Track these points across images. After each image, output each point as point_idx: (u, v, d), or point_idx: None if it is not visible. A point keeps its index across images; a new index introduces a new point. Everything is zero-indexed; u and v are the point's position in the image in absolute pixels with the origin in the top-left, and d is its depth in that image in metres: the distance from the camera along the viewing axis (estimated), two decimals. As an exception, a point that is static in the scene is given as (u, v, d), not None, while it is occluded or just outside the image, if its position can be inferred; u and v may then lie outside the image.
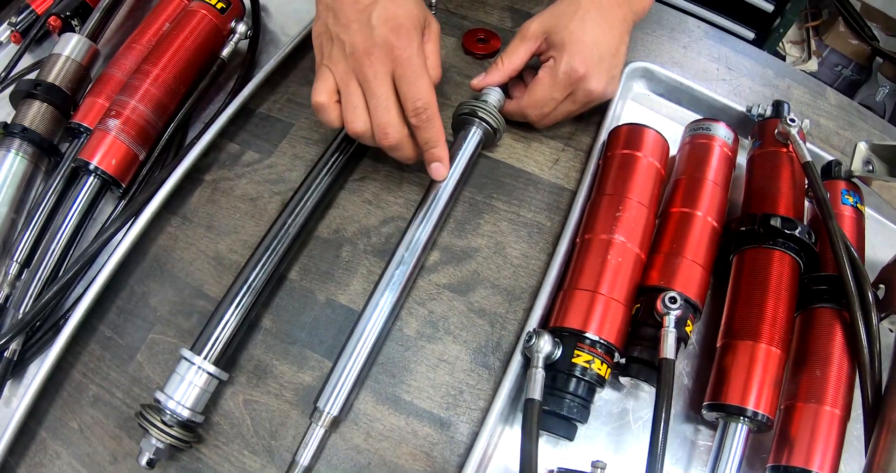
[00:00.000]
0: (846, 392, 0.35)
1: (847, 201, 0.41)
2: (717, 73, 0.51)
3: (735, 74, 0.51)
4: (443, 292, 0.39)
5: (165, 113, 0.45)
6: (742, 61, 0.52)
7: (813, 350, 0.36)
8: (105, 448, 0.38)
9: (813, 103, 0.52)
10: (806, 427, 0.34)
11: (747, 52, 0.53)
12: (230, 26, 0.49)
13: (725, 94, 0.48)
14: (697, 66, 0.51)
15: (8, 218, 0.44)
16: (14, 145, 0.45)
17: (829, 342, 0.36)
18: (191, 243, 0.42)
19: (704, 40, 0.53)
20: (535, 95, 0.41)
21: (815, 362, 0.36)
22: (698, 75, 0.50)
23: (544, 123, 0.44)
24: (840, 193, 0.41)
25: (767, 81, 0.52)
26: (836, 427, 0.34)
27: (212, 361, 0.35)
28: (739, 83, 0.51)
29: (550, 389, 0.33)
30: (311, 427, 0.34)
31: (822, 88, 0.54)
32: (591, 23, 0.40)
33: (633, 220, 0.36)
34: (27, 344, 0.41)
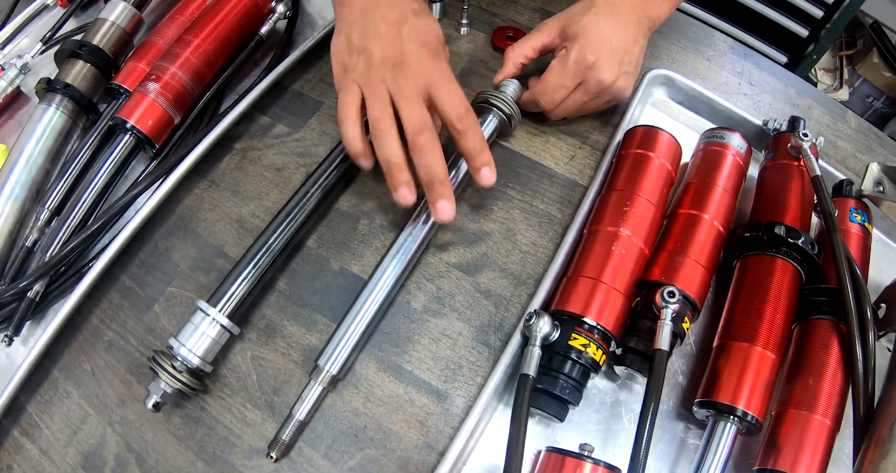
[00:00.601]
0: (838, 404, 0.37)
1: (855, 218, 0.44)
2: (738, 87, 0.54)
3: (756, 89, 0.55)
4: (452, 271, 0.42)
5: (203, 82, 0.50)
6: (765, 78, 0.55)
7: (808, 360, 0.38)
8: (114, 391, 0.41)
9: (832, 125, 0.55)
10: (795, 434, 0.36)
11: (771, 69, 0.56)
12: (270, 6, 0.54)
13: (745, 108, 0.51)
14: (719, 79, 0.54)
15: (43, 168, 0.48)
16: (55, 100, 0.49)
17: (825, 353, 0.38)
18: (216, 206, 0.46)
19: (729, 55, 0.56)
20: (547, 82, 0.44)
21: (809, 371, 0.38)
22: (719, 88, 0.54)
23: (557, 113, 0.47)
24: (849, 210, 0.44)
25: (789, 99, 0.55)
26: (824, 436, 0.36)
27: (226, 314, 0.38)
28: (760, 99, 0.54)
29: (546, 369, 0.36)
30: (310, 383, 0.37)
31: (843, 110, 0.57)
32: (605, 19, 0.43)
33: (639, 216, 0.39)
34: (50, 287, 0.45)
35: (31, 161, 0.48)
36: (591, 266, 0.38)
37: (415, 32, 0.39)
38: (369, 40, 0.39)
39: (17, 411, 0.43)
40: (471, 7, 0.54)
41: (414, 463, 0.37)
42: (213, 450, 0.38)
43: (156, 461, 0.39)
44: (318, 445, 0.38)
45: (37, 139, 0.48)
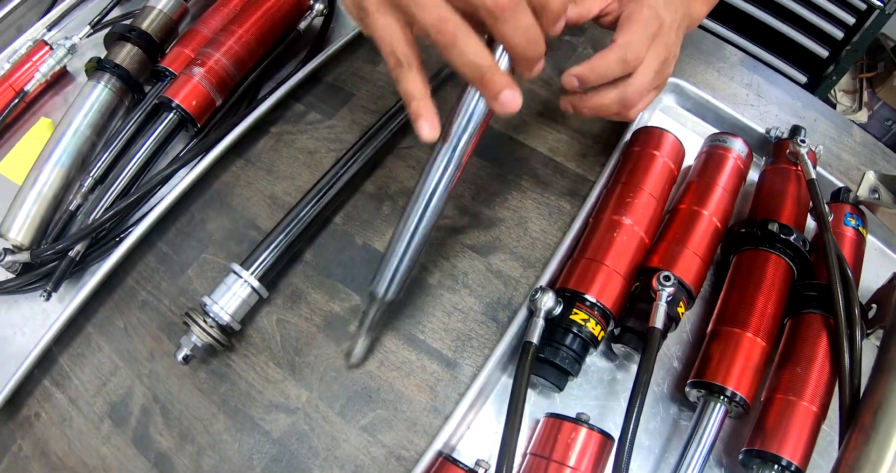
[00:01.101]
0: (824, 393, 0.42)
1: (849, 222, 0.49)
2: (746, 98, 0.60)
3: (764, 101, 0.60)
4: (466, 252, 0.48)
5: (244, 69, 0.56)
6: (772, 90, 0.61)
7: (798, 350, 0.43)
8: (145, 346, 0.47)
9: (837, 138, 0.61)
10: (782, 418, 0.40)
11: (779, 82, 0.62)
12: (309, 3, 0.61)
13: (751, 117, 0.57)
14: (728, 89, 0.60)
15: (89, 140, 0.55)
16: (104, 79, 0.56)
17: (814, 344, 0.43)
18: (250, 183, 0.52)
19: (738, 67, 0.62)
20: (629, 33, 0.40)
21: (798, 360, 0.42)
22: (728, 98, 0.59)
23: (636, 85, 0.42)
24: (844, 214, 0.49)
25: (795, 111, 0.61)
26: (810, 421, 0.40)
27: (256, 277, 0.44)
28: (767, 110, 0.60)
29: (548, 341, 0.41)
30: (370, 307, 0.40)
31: (848, 124, 0.62)
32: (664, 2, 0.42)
33: (642, 207, 0.45)
34: (90, 249, 0.51)
35: (79, 132, 0.54)
36: (594, 250, 0.43)
37: None
38: None
39: (50, 362, 0.48)
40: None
41: (421, 425, 0.42)
42: (235, 404, 0.44)
43: (179, 412, 0.44)
44: (334, 403, 0.43)
45: (84, 113, 0.55)
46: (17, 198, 0.52)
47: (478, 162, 0.53)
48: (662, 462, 0.43)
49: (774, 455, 0.39)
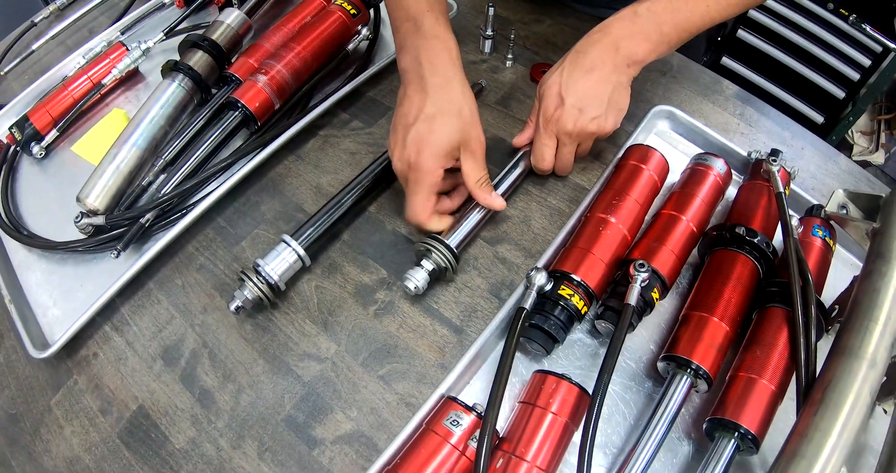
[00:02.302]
0: (782, 374, 0.53)
1: (817, 233, 0.63)
2: (737, 127, 0.76)
3: (753, 130, 0.76)
4: (478, 241, 0.63)
5: (300, 80, 0.74)
6: (763, 121, 0.77)
7: (760, 337, 0.56)
8: (199, 301, 0.62)
9: (823, 165, 0.75)
10: (742, 393, 0.52)
11: (769, 114, 0.78)
12: (357, 28, 0.79)
13: (740, 144, 0.72)
14: (721, 118, 0.76)
15: (163, 128, 0.73)
16: (178, 78, 0.74)
17: (775, 333, 0.55)
18: (299, 174, 0.69)
19: (732, 99, 0.78)
20: (534, 148, 0.64)
21: (759, 345, 0.55)
22: (719, 126, 0.75)
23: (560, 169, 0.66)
24: (812, 226, 0.63)
25: (784, 140, 0.76)
26: (767, 396, 0.52)
27: (303, 247, 0.60)
28: (756, 138, 0.75)
29: (539, 310, 0.55)
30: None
31: (835, 154, 0.76)
32: (568, 72, 0.60)
33: (626, 209, 0.60)
34: (158, 219, 0.67)
35: (154, 121, 0.72)
36: (583, 240, 0.58)
37: (415, 139, 0.56)
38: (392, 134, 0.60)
39: (112, 310, 0.64)
40: (516, 46, 0.78)
41: (429, 378, 0.56)
42: (274, 352, 0.59)
43: (225, 356, 0.59)
44: (358, 356, 0.57)
45: (160, 105, 0.73)
46: (97, 170, 0.69)
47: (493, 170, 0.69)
48: (635, 428, 0.56)
49: (734, 422, 0.50)
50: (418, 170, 0.57)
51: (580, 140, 0.63)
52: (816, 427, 0.46)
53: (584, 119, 0.61)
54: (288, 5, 0.91)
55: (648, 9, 0.60)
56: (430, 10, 0.61)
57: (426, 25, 0.60)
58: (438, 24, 0.60)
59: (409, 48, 0.60)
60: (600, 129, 0.62)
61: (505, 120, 0.74)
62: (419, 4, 0.61)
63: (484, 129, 0.74)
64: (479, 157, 0.60)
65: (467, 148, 0.59)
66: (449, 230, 0.60)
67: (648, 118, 0.70)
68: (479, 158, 0.60)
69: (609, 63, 0.60)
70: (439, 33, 0.60)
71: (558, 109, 0.61)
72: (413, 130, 0.57)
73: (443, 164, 0.58)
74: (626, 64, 0.60)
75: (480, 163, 0.60)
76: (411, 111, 0.58)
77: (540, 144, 0.63)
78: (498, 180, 0.65)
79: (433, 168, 0.57)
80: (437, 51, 0.59)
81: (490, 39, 0.79)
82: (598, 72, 0.60)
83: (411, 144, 0.57)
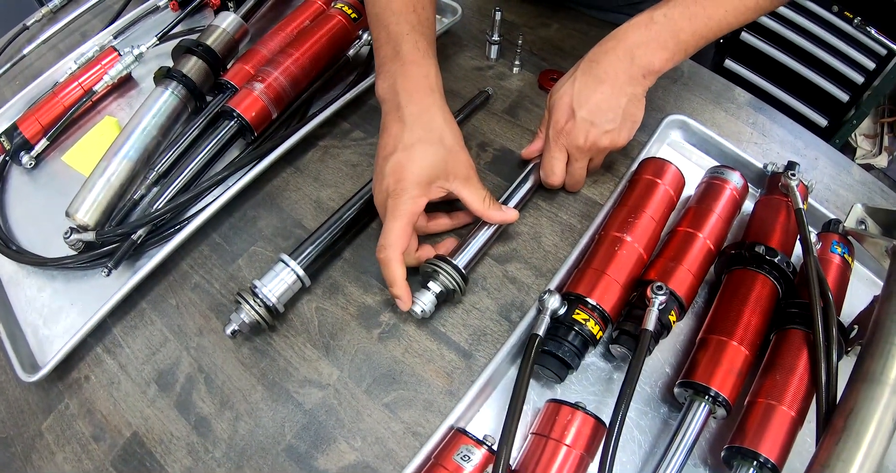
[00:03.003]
0: (802, 400, 0.50)
1: (836, 249, 0.59)
2: (750, 136, 0.71)
3: (767, 139, 0.72)
4: (487, 259, 0.59)
5: (298, 87, 0.69)
6: (776, 130, 0.73)
7: (780, 361, 0.52)
8: (194, 323, 0.58)
9: (836, 176, 0.71)
10: (762, 420, 0.49)
11: (782, 122, 0.73)
12: (358, 33, 0.74)
13: (754, 154, 0.68)
14: (734, 128, 0.72)
15: (155, 138, 0.68)
16: (171, 86, 0.69)
17: (795, 357, 0.52)
18: (298, 188, 0.64)
19: (745, 108, 0.74)
20: (543, 162, 0.59)
21: (779, 370, 0.52)
22: (732, 136, 0.71)
23: (571, 185, 0.61)
24: (831, 243, 0.59)
25: (797, 150, 0.72)
26: (787, 423, 0.49)
27: (302, 267, 0.55)
28: (769, 148, 0.71)
29: (552, 336, 0.51)
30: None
31: (849, 164, 0.73)
32: (581, 82, 0.56)
33: (642, 227, 0.55)
34: (150, 235, 0.63)
35: (146, 131, 0.67)
36: (598, 261, 0.54)
37: (393, 169, 0.51)
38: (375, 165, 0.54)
39: (104, 331, 0.59)
40: (523, 51, 0.73)
41: (437, 406, 0.52)
42: (273, 377, 0.54)
43: (222, 382, 0.55)
44: (361, 382, 0.53)
45: (153, 114, 0.68)
46: (87, 183, 0.64)
47: (502, 183, 0.65)
48: (651, 456, 0.52)
49: (753, 451, 0.47)
50: (397, 197, 0.52)
51: (592, 155, 0.59)
52: (839, 456, 0.43)
53: (596, 133, 0.56)
54: (286, 8, 0.86)
55: (665, 15, 0.55)
56: (412, 32, 0.56)
57: (404, 50, 0.55)
58: (417, 48, 0.55)
59: (387, 74, 0.55)
60: (613, 143, 0.58)
61: (513, 130, 0.70)
62: (400, 25, 0.56)
63: (491, 139, 0.70)
64: (474, 180, 0.56)
65: (458, 176, 0.54)
66: (456, 250, 0.56)
67: (661, 129, 0.65)
68: (475, 182, 0.56)
69: (623, 73, 0.55)
70: (417, 59, 0.55)
71: (569, 122, 0.57)
72: (392, 160, 0.52)
73: (424, 192, 0.53)
74: (642, 74, 0.56)
75: (478, 185, 0.56)
76: (389, 143, 0.53)
77: (549, 157, 0.59)
78: (507, 194, 0.60)
79: (414, 196, 0.52)
80: (415, 78, 0.54)
81: (497, 45, 0.74)
82: (612, 83, 0.56)
83: (390, 174, 0.52)
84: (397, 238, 0.51)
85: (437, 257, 0.54)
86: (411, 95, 0.54)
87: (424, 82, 0.55)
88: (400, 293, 0.52)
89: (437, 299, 0.53)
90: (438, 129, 0.54)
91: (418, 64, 0.55)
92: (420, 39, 0.56)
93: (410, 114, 0.53)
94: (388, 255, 0.51)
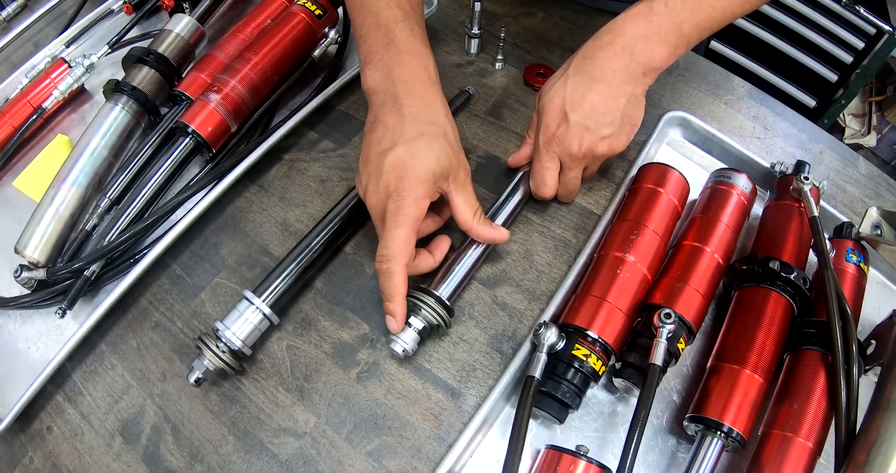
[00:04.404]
0: (820, 429, 0.43)
1: (850, 258, 0.51)
2: (752, 130, 0.62)
3: (770, 133, 0.62)
4: (473, 283, 0.50)
5: (259, 96, 0.59)
6: (779, 123, 0.63)
7: (795, 387, 0.45)
8: (157, 366, 0.49)
9: (842, 170, 0.63)
10: (778, 454, 0.42)
11: (785, 114, 0.64)
12: (324, 31, 0.63)
13: (757, 151, 0.59)
14: (735, 122, 0.62)
15: (106, 160, 0.57)
16: (121, 101, 0.59)
17: (812, 381, 0.45)
18: (263, 209, 0.54)
19: (746, 99, 0.64)
20: (533, 171, 0.50)
21: (795, 397, 0.44)
22: (734, 131, 0.61)
23: (564, 196, 0.52)
24: (846, 250, 0.51)
25: (801, 143, 0.63)
26: (805, 457, 0.42)
27: (268, 304, 0.46)
28: (772, 143, 0.62)
29: (550, 374, 0.43)
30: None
31: (854, 156, 0.64)
32: (574, 82, 0.47)
33: (645, 244, 0.47)
34: (105, 269, 0.53)
35: (96, 153, 0.57)
36: (597, 286, 0.45)
37: (393, 165, 0.42)
38: (362, 166, 0.45)
39: (63, 378, 0.51)
40: (506, 44, 0.63)
41: (425, 452, 0.44)
42: (245, 426, 0.46)
43: (190, 432, 0.47)
44: (341, 429, 0.45)
45: (102, 134, 0.58)
46: (35, 216, 0.55)
47: (487, 195, 0.55)
48: (660, 495, 0.45)
49: None
50: (400, 198, 0.42)
51: (587, 163, 0.50)
52: (862, 493, 0.36)
53: (591, 139, 0.47)
54: (247, 5, 0.74)
55: (666, 4, 0.45)
56: (405, 18, 0.46)
57: (400, 38, 0.45)
58: (414, 36, 0.46)
59: (379, 64, 0.45)
60: (611, 149, 0.48)
61: (497, 133, 0.60)
62: (391, 10, 0.46)
63: (473, 145, 0.60)
64: (470, 188, 0.47)
65: (457, 179, 0.45)
66: (441, 278, 0.47)
67: (661, 127, 0.56)
68: (471, 190, 0.47)
69: (622, 71, 0.46)
70: (414, 48, 0.45)
71: (561, 127, 0.47)
72: (391, 155, 0.43)
73: (429, 193, 0.44)
74: (642, 72, 0.46)
75: (472, 195, 0.47)
76: (386, 136, 0.44)
77: (540, 167, 0.50)
78: (495, 209, 0.51)
79: (418, 197, 0.43)
80: (413, 68, 0.45)
81: (477, 38, 0.64)
82: (609, 82, 0.46)
83: (390, 171, 0.43)
84: (401, 248, 0.42)
85: (418, 289, 0.46)
86: (411, 86, 0.45)
87: (424, 73, 0.46)
88: (396, 311, 0.43)
89: (420, 336, 0.45)
90: (442, 124, 0.45)
91: (416, 53, 0.46)
92: (415, 27, 0.47)
93: (411, 106, 0.44)
94: (391, 267, 0.42)
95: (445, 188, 0.45)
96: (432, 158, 0.43)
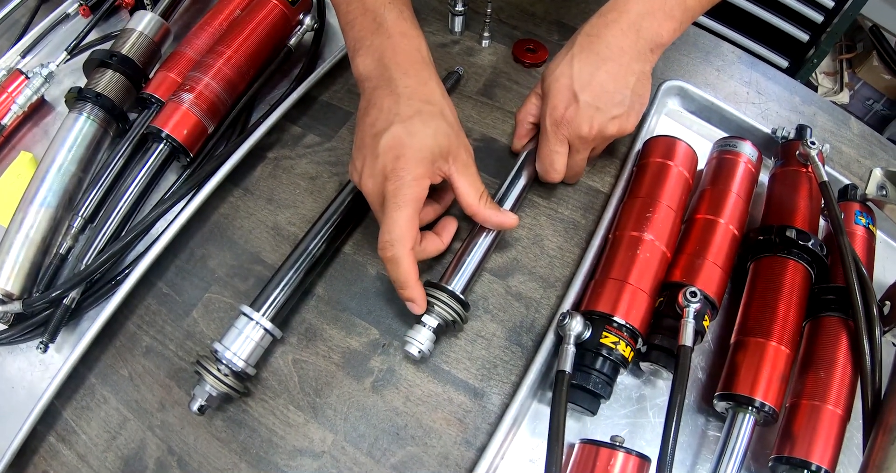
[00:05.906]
0: (847, 395, 0.41)
1: (860, 221, 0.48)
2: (746, 96, 0.59)
3: (764, 98, 0.59)
4: (484, 275, 0.46)
5: (235, 92, 0.53)
6: (771, 87, 0.60)
7: (819, 355, 0.43)
8: (154, 395, 0.44)
9: (836, 131, 0.60)
10: (808, 423, 0.40)
11: (777, 78, 0.61)
12: (298, 18, 0.57)
13: (753, 116, 0.56)
14: (729, 88, 0.59)
15: (75, 176, 0.51)
16: (86, 109, 0.52)
17: (834, 348, 0.42)
18: (251, 213, 0.49)
19: (737, 65, 0.61)
20: (540, 155, 0.46)
21: (820, 365, 0.42)
22: (729, 97, 0.58)
23: (570, 178, 0.48)
24: (854, 213, 0.48)
25: (794, 106, 0.60)
26: (836, 424, 0.40)
27: (269, 318, 0.41)
28: (767, 107, 0.59)
29: (579, 365, 0.39)
30: None
31: (846, 117, 0.62)
32: (580, 62, 0.43)
33: (661, 221, 0.43)
34: (85, 295, 0.48)
35: (63, 169, 0.50)
36: (617, 269, 0.42)
37: (390, 145, 0.38)
38: (357, 149, 0.41)
39: (53, 417, 0.45)
40: (492, 20, 0.58)
41: (454, 459, 0.40)
42: (257, 452, 0.41)
43: (198, 463, 0.42)
44: (361, 444, 0.41)
45: (68, 147, 0.51)
46: (3, 244, 0.48)
47: (488, 179, 0.51)
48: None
49: (804, 460, 0.39)
50: (398, 178, 0.38)
51: (596, 144, 0.46)
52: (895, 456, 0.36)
53: (602, 119, 0.43)
54: (211, -2, 0.67)
55: None
56: (392, 1, 0.41)
57: (389, 20, 0.41)
58: (403, 18, 0.41)
59: (370, 49, 0.40)
60: (621, 130, 0.44)
61: (492, 113, 0.55)
62: None
63: (469, 128, 0.55)
64: (473, 170, 0.42)
65: (458, 159, 0.41)
66: (451, 272, 0.43)
67: (659, 97, 0.52)
68: (474, 171, 0.42)
69: (630, 49, 0.42)
70: (405, 30, 0.41)
71: (570, 108, 0.43)
72: (387, 135, 0.39)
73: (428, 173, 0.39)
74: (650, 48, 0.43)
75: (476, 176, 0.42)
76: (380, 117, 0.39)
77: (548, 150, 0.45)
78: (501, 194, 0.47)
79: (417, 176, 0.38)
80: (406, 51, 0.40)
81: (461, 16, 0.58)
82: (618, 60, 0.43)
83: (387, 151, 0.39)
84: (405, 231, 0.38)
85: (428, 284, 0.41)
86: (405, 69, 0.40)
87: (417, 55, 0.41)
88: (414, 296, 0.39)
89: (436, 334, 0.41)
90: (439, 102, 0.41)
91: (407, 36, 0.41)
92: (404, 9, 0.42)
93: (406, 86, 0.40)
94: (396, 252, 0.38)
95: (446, 170, 0.41)
96: (429, 136, 0.39)
